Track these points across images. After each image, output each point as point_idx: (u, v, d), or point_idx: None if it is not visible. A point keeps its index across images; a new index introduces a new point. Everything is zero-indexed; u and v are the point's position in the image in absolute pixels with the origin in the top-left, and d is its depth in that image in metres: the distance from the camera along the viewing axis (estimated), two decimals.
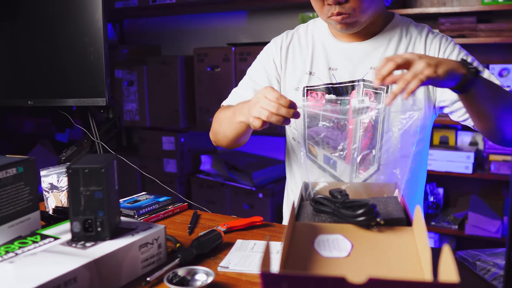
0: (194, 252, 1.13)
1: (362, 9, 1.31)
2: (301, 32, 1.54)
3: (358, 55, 1.42)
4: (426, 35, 1.41)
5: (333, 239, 0.91)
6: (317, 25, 1.53)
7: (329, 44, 1.47)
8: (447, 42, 1.40)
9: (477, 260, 1.10)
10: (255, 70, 1.58)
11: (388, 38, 1.42)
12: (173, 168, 3.60)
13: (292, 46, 1.52)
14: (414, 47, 1.41)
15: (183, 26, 3.96)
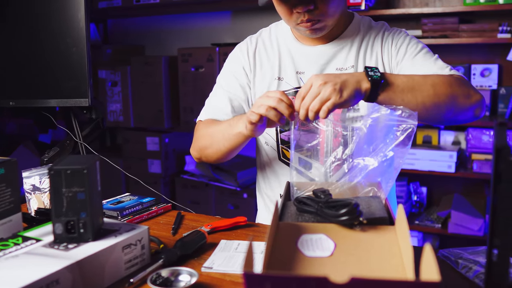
0: (177, 253, 1.13)
1: (330, 14, 1.33)
2: (265, 36, 1.54)
3: (323, 57, 1.44)
4: (382, 33, 1.45)
5: (317, 239, 0.91)
6: (279, 28, 1.53)
7: (294, 48, 1.47)
8: (399, 34, 1.44)
9: (459, 258, 1.12)
10: (226, 79, 1.56)
11: (351, 38, 1.45)
12: (158, 168, 3.59)
13: (258, 51, 1.52)
14: (373, 46, 1.44)
15: (167, 26, 3.95)
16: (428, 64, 1.37)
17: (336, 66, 1.43)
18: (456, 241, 3.06)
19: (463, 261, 1.10)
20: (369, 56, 1.43)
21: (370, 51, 1.43)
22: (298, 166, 1.44)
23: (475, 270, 1.06)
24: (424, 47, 1.42)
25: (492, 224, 0.71)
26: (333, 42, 1.45)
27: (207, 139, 1.49)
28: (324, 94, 1.13)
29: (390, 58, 1.42)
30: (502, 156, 0.69)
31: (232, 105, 1.51)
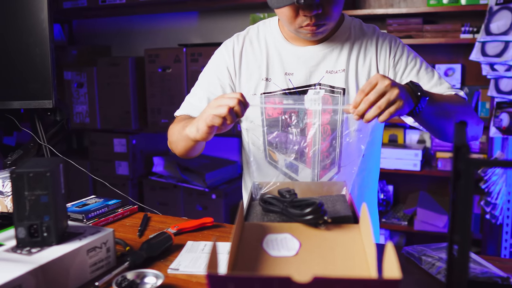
0: (143, 255, 1.12)
1: (334, 17, 1.32)
2: (253, 35, 1.49)
3: (313, 59, 1.40)
4: (376, 36, 1.42)
5: (282, 238, 0.91)
6: (267, 27, 1.48)
7: (283, 49, 1.43)
8: (397, 44, 1.42)
9: (423, 255, 1.14)
10: (208, 78, 1.51)
11: (342, 40, 1.42)
12: (125, 170, 3.56)
13: (245, 51, 1.47)
14: (366, 49, 1.41)
15: (133, 26, 3.92)
16: (436, 85, 1.38)
17: (326, 69, 1.40)
18: (422, 238, 3.11)
19: (426, 258, 1.12)
20: (362, 61, 1.40)
21: (363, 56, 1.40)
22: (284, 169, 1.44)
23: (438, 266, 1.08)
24: (422, 61, 1.42)
25: (452, 221, 0.73)
26: (324, 43, 1.41)
27: (172, 136, 1.45)
28: (391, 95, 1.09)
29: (387, 68, 1.40)
30: (461, 154, 0.70)
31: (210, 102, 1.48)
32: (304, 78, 1.41)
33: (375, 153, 1.52)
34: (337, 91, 1.38)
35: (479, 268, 1.07)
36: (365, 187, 1.50)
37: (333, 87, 1.39)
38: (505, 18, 2.46)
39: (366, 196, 1.51)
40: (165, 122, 3.38)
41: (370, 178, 1.52)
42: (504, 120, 2.53)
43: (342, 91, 1.38)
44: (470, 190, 0.70)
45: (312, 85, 1.40)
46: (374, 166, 1.53)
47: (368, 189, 1.52)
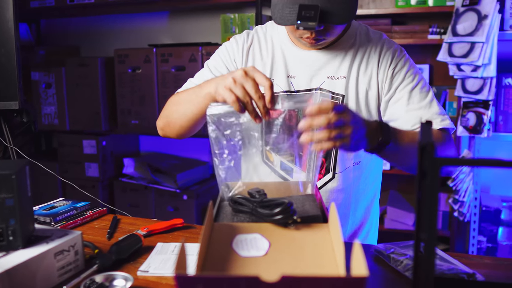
0: (113, 257, 1.11)
1: (335, 33, 1.32)
2: (260, 34, 1.49)
3: (316, 63, 1.40)
4: (381, 46, 1.41)
5: (251, 239, 0.92)
6: (275, 28, 1.48)
7: (288, 51, 1.43)
8: (400, 56, 1.40)
9: (391, 253, 1.15)
10: (215, 62, 1.49)
11: (346, 46, 1.41)
12: (95, 172, 3.51)
13: (252, 49, 1.47)
14: (369, 58, 1.40)
15: (103, 26, 3.87)
16: (423, 108, 1.36)
17: (328, 74, 1.40)
18: (392, 236, 3.14)
19: (395, 255, 1.13)
20: (364, 70, 1.39)
21: (366, 65, 1.40)
22: (279, 170, 1.43)
23: (406, 263, 1.10)
24: (420, 79, 1.40)
25: (418, 219, 0.74)
26: (328, 48, 1.41)
27: (173, 105, 1.40)
28: (345, 132, 1.06)
29: (385, 79, 1.39)
30: (426, 153, 0.71)
31: None
32: (306, 82, 1.40)
33: (373, 161, 1.48)
34: (336, 97, 1.38)
35: (446, 264, 1.09)
36: (360, 194, 1.48)
37: (333, 93, 1.38)
38: (471, 19, 2.50)
39: (361, 203, 1.49)
40: (136, 123, 3.35)
41: (366, 186, 1.49)
42: (471, 120, 2.58)
43: (342, 97, 1.38)
44: (435, 189, 0.71)
45: (313, 89, 1.40)
46: (371, 173, 1.50)
47: (364, 197, 1.50)
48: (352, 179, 1.43)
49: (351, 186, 1.44)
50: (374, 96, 1.39)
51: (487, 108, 2.54)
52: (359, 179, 1.45)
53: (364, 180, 1.47)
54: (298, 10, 1.17)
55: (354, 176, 1.43)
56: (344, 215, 1.46)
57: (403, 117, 1.36)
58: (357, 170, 1.43)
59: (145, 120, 3.33)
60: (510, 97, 2.61)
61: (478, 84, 2.54)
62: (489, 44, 2.45)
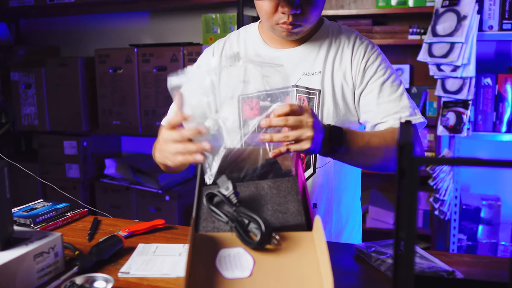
0: (93, 259, 1.10)
1: (312, 20, 1.33)
2: (233, 39, 1.52)
3: (291, 61, 1.42)
4: (354, 40, 1.43)
5: (234, 254, 0.90)
6: (248, 32, 1.51)
7: (262, 51, 1.45)
8: (372, 50, 1.43)
9: (372, 252, 1.16)
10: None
11: (319, 43, 1.43)
12: (76, 173, 3.48)
13: (225, 54, 1.49)
14: (343, 53, 1.42)
15: (83, 26, 3.84)
16: (393, 101, 1.38)
17: (303, 71, 1.41)
18: (374, 235, 3.16)
19: (376, 254, 1.14)
20: (338, 64, 1.41)
21: (340, 59, 1.42)
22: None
23: (387, 262, 1.10)
24: (392, 74, 1.42)
25: (397, 218, 0.75)
26: (302, 46, 1.43)
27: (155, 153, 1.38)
28: (305, 134, 1.11)
29: (357, 72, 1.41)
30: (405, 153, 0.72)
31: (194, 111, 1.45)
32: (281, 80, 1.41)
33: None
34: (313, 92, 1.40)
35: (426, 263, 1.10)
36: (342, 190, 1.49)
37: (309, 88, 1.40)
38: (450, 20, 2.53)
39: (344, 199, 1.50)
40: (117, 123, 3.33)
41: (347, 181, 1.51)
42: (451, 119, 2.61)
43: (318, 92, 1.40)
44: (414, 188, 0.72)
45: (289, 87, 1.40)
46: (351, 170, 1.51)
47: (346, 192, 1.51)
48: (333, 174, 1.44)
49: (333, 182, 1.45)
50: (350, 90, 1.41)
51: (467, 108, 2.57)
52: (340, 175, 1.46)
53: (345, 176, 1.48)
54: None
55: (334, 171, 1.44)
56: (328, 212, 1.46)
57: (374, 110, 1.39)
58: (337, 165, 1.44)
59: (127, 121, 3.31)
60: (488, 96, 2.65)
61: (458, 84, 2.57)
62: (468, 44, 2.47)
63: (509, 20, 2.56)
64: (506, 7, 2.56)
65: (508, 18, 2.56)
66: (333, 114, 1.39)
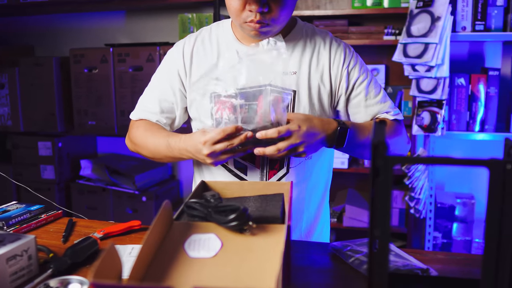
0: (68, 261, 1.09)
1: (280, 20, 1.33)
2: (205, 35, 1.50)
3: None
4: (330, 42, 1.45)
5: (205, 239, 0.91)
6: (220, 28, 1.49)
7: (235, 49, 1.44)
8: (351, 53, 1.46)
9: (348, 251, 1.17)
10: (159, 79, 1.52)
11: (293, 43, 1.43)
12: (51, 174, 3.44)
13: (196, 50, 1.47)
14: (319, 54, 1.43)
15: (58, 25, 3.79)
16: (380, 102, 1.46)
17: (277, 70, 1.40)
18: (351, 233, 3.19)
19: (351, 253, 1.15)
20: (315, 65, 1.42)
21: (316, 60, 1.42)
22: (234, 169, 1.43)
23: (362, 260, 1.11)
24: (371, 74, 1.47)
25: (372, 217, 0.75)
26: None
27: (146, 151, 1.47)
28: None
29: (340, 76, 1.42)
30: (379, 152, 0.73)
31: (161, 106, 1.49)
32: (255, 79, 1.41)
33: (323, 156, 1.52)
34: (287, 92, 1.40)
35: (401, 261, 1.11)
36: (312, 189, 1.50)
37: (284, 88, 1.39)
38: (425, 21, 2.56)
39: (313, 198, 1.52)
40: (92, 124, 3.29)
41: (318, 181, 1.52)
42: (426, 119, 2.64)
43: (293, 93, 1.39)
44: (388, 187, 0.73)
45: (263, 86, 1.39)
46: (322, 169, 1.53)
47: (316, 191, 1.53)
48: (305, 173, 1.45)
49: (305, 181, 1.46)
50: (327, 92, 1.42)
51: (441, 108, 2.60)
52: (311, 174, 1.47)
53: (316, 176, 1.50)
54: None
55: (306, 171, 1.45)
56: (299, 211, 1.47)
57: (362, 111, 1.45)
58: (310, 164, 1.45)
59: (102, 121, 3.28)
60: (462, 96, 2.69)
61: (432, 84, 2.60)
62: (442, 45, 2.51)
63: (482, 22, 2.60)
64: (478, 9, 2.60)
65: (480, 19, 2.60)
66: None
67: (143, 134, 1.47)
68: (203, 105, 1.42)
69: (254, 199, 1.12)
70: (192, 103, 1.47)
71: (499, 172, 0.70)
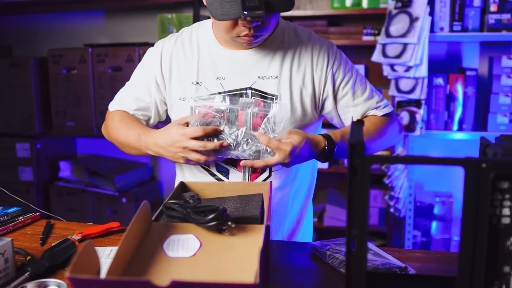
0: (45, 264, 1.08)
1: (271, 27, 1.31)
2: (185, 36, 1.46)
3: (245, 64, 1.39)
4: (312, 43, 1.42)
5: (184, 239, 0.91)
6: (201, 30, 1.45)
7: (216, 52, 1.41)
8: (334, 52, 1.43)
9: (327, 250, 1.17)
10: (137, 79, 1.50)
11: (275, 45, 1.40)
12: (29, 176, 3.40)
13: (176, 52, 1.44)
14: (301, 56, 1.41)
15: (36, 25, 3.75)
16: (368, 99, 1.46)
17: (258, 74, 1.39)
18: (331, 233, 3.21)
19: (330, 252, 1.16)
20: (296, 68, 1.40)
21: (298, 63, 1.40)
22: (216, 172, 1.42)
23: (341, 260, 1.12)
24: (356, 71, 1.47)
25: (349, 216, 0.76)
26: (257, 48, 1.39)
27: (119, 141, 1.48)
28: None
29: (325, 77, 1.41)
30: (356, 152, 0.73)
31: (137, 104, 1.49)
32: (236, 83, 1.39)
33: None
34: (269, 97, 1.38)
35: (380, 259, 1.12)
36: (296, 192, 1.50)
37: (265, 93, 1.38)
38: (403, 21, 2.59)
39: (297, 201, 1.52)
40: (71, 125, 3.26)
41: (302, 184, 1.52)
42: (405, 118, 2.66)
43: (275, 98, 1.38)
44: (365, 186, 0.73)
45: (244, 89, 1.38)
46: (306, 172, 1.53)
47: (300, 194, 1.52)
48: (288, 177, 1.44)
49: (288, 185, 1.45)
50: (309, 95, 1.40)
51: (420, 107, 2.63)
52: (295, 177, 1.47)
53: (300, 179, 1.49)
54: (242, 1, 1.16)
55: (290, 174, 1.44)
56: (282, 214, 1.47)
57: (352, 110, 1.46)
58: (293, 168, 1.44)
59: (81, 122, 3.25)
60: (440, 96, 2.72)
61: (411, 84, 2.63)
62: (420, 45, 2.53)
63: (459, 22, 2.64)
64: (456, 9, 2.63)
65: (458, 20, 2.64)
66: (290, 119, 1.38)
67: (117, 125, 1.48)
68: (183, 108, 1.40)
69: (233, 199, 1.12)
70: (173, 106, 1.44)
71: (474, 171, 0.71)
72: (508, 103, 2.66)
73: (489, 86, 2.72)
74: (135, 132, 1.41)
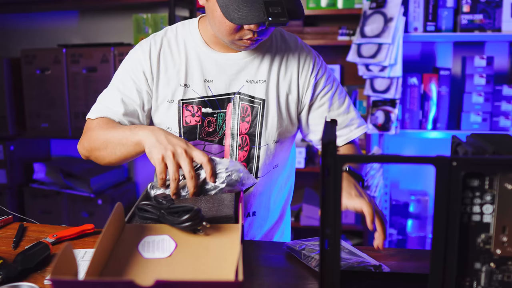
0: (18, 267, 1.06)
1: (270, 32, 1.30)
2: (171, 37, 1.40)
3: (234, 67, 1.37)
4: (300, 50, 1.42)
5: (159, 240, 0.91)
6: (187, 30, 1.41)
7: (204, 54, 1.37)
8: (319, 62, 1.43)
9: (303, 249, 1.18)
10: (123, 80, 1.39)
11: (263, 49, 1.38)
12: (3, 178, 3.35)
13: (163, 54, 1.38)
14: (288, 62, 1.40)
15: (8, 25, 3.69)
16: (343, 114, 1.45)
17: (246, 78, 1.37)
18: (308, 232, 3.22)
19: (306, 252, 1.16)
20: (283, 74, 1.39)
21: (285, 69, 1.39)
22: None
23: (315, 259, 1.12)
24: (338, 84, 1.46)
25: (323, 216, 0.76)
26: (245, 51, 1.37)
27: (101, 142, 1.31)
28: None
29: (307, 86, 1.40)
30: (329, 151, 0.73)
31: (125, 108, 1.37)
32: (224, 86, 1.37)
33: (288, 162, 1.52)
34: (256, 101, 1.37)
35: (354, 258, 1.13)
36: (277, 195, 1.51)
37: (253, 97, 1.37)
38: (378, 22, 2.61)
39: (278, 204, 1.53)
40: (45, 126, 3.22)
41: (282, 187, 1.52)
42: (380, 118, 2.69)
43: (262, 102, 1.37)
44: (338, 186, 0.74)
45: (232, 94, 1.37)
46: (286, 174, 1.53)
47: (280, 197, 1.53)
48: (272, 181, 1.45)
49: (271, 189, 1.46)
50: (294, 100, 1.40)
51: (394, 107, 2.65)
52: (277, 181, 1.47)
53: (281, 182, 1.50)
54: (265, 7, 1.14)
55: (273, 179, 1.45)
56: (263, 217, 1.47)
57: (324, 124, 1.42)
58: (276, 172, 1.45)
59: (56, 123, 3.21)
60: (415, 95, 2.75)
61: (386, 83, 2.65)
62: (395, 45, 2.56)
63: (433, 22, 2.67)
64: (429, 10, 2.67)
65: (431, 20, 2.67)
66: (277, 124, 1.38)
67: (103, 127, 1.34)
68: (170, 111, 1.37)
69: (206, 199, 1.12)
70: (158, 108, 1.39)
71: (445, 169, 0.72)
72: (481, 102, 2.70)
73: (462, 85, 2.76)
74: (127, 128, 1.29)
